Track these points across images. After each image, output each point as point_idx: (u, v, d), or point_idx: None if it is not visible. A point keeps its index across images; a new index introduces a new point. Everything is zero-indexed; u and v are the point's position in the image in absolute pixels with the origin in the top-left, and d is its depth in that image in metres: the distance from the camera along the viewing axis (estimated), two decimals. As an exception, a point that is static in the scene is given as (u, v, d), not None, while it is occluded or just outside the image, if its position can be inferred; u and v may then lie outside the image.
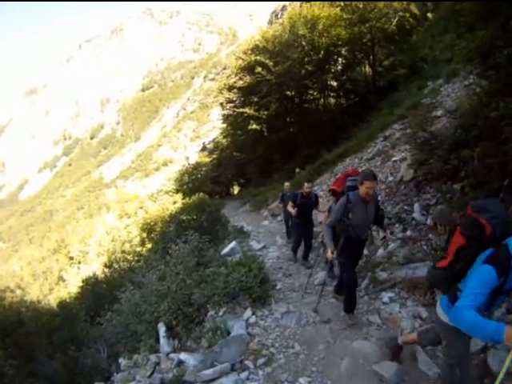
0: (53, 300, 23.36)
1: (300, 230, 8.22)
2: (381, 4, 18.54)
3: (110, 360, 7.21)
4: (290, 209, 7.89)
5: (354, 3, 19.05)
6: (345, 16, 19.06)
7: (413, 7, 19.78)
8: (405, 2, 19.28)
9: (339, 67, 21.53)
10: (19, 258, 69.09)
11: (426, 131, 7.55)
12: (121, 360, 6.41)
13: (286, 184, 10.72)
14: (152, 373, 5.30)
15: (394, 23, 19.33)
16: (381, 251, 6.76)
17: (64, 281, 39.53)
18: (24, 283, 49.11)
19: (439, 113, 9.80)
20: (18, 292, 35.65)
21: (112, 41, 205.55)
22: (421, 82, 15.67)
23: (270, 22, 47.59)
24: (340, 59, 21.34)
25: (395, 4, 19.00)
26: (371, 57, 20.62)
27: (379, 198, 8.84)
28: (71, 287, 29.82)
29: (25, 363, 7.78)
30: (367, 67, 22.09)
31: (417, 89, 15.31)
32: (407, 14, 19.67)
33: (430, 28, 18.53)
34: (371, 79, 21.30)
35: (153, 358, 5.66)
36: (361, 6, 18.77)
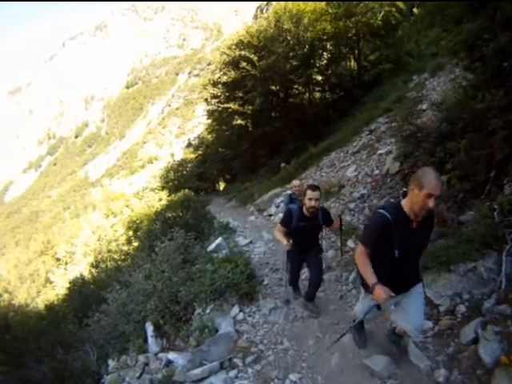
0: (41, 303, 23.02)
1: (296, 259, 5.31)
2: (367, -2, 18.54)
3: (99, 362, 7.10)
4: (281, 238, 4.91)
5: (339, -3, 19.00)
6: (330, 10, 18.99)
7: (399, 2, 19.80)
8: (390, -1, 19.31)
9: (324, 61, 21.46)
10: (6, 261, 68.26)
11: (412, 124, 7.53)
12: (110, 361, 6.33)
13: (295, 183, 7.00)
14: (141, 374, 5.27)
15: (379, 18, 19.32)
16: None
17: (51, 283, 39.09)
18: (11, 287, 48.49)
19: (425, 106, 9.82)
20: (6, 296, 35.16)
21: (96, 38, 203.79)
22: (406, 76, 15.74)
23: (256, 17, 47.38)
24: (325, 53, 21.28)
25: (381, -1, 19.01)
26: (356, 51, 20.60)
27: (365, 191, 8.87)
28: (59, 289, 29.47)
29: (14, 369, 7.66)
30: (352, 61, 22.11)
31: (402, 83, 15.38)
32: (393, 9, 19.64)
33: (416, 23, 18.55)
34: (356, 73, 21.30)
35: (141, 358, 5.61)
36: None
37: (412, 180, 2.97)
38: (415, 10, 19.21)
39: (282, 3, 20.37)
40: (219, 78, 21.44)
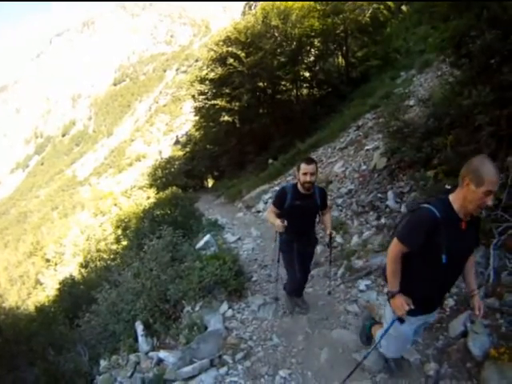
0: (31, 304, 22.91)
1: (291, 254, 4.63)
2: (355, -5, 18.59)
3: (91, 362, 7.06)
4: (273, 219, 4.33)
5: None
6: (318, 7, 19.00)
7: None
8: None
9: (312, 58, 21.51)
10: (-5, 263, 67.59)
11: (399, 120, 7.58)
12: (102, 361, 6.31)
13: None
14: (133, 373, 5.24)
15: (367, 15, 19.41)
16: (356, 239, 6.79)
17: (41, 284, 38.89)
18: (1, 289, 48.16)
19: (412, 102, 9.88)
20: (-4, 299, 34.85)
21: (83, 34, 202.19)
22: (394, 73, 15.80)
23: (244, 13, 47.30)
24: (313, 50, 21.32)
25: (369, -4, 19.08)
26: (344, 48, 20.64)
27: (353, 186, 8.91)
28: (49, 290, 29.30)
29: (6, 373, 7.59)
30: (340, 58, 22.16)
31: (389, 79, 15.42)
32: (381, 6, 19.75)
33: (404, 20, 18.70)
34: (344, 70, 21.36)
35: (132, 357, 5.59)
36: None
37: (466, 173, 2.46)
38: (403, 8, 19.36)
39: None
40: (206, 74, 21.38)
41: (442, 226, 2.52)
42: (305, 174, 4.15)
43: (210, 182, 33.62)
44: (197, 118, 28.71)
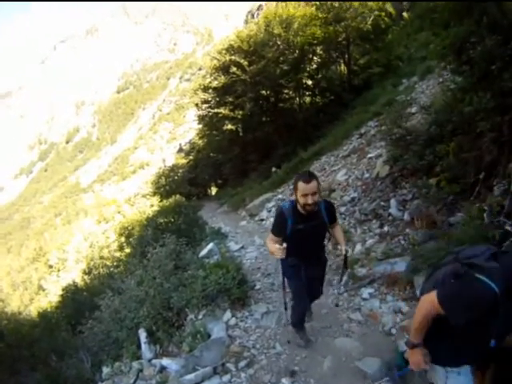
0: (34, 310, 22.90)
1: (299, 281, 3.97)
2: (356, 3, 18.63)
3: (93, 369, 7.03)
4: (271, 246, 3.62)
5: (329, 2, 19.12)
6: (320, 15, 19.11)
7: (388, 6, 19.96)
8: (380, 1, 19.46)
9: (314, 66, 21.57)
10: (-2, 268, 67.74)
11: (401, 127, 7.59)
12: (104, 368, 6.30)
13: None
14: (135, 380, 5.22)
15: (369, 22, 19.46)
16: (359, 247, 6.78)
17: (44, 290, 39.02)
18: (4, 294, 48.26)
19: (414, 109, 9.88)
20: (-2, 304, 34.89)
21: (87, 41, 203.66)
22: (396, 80, 15.85)
23: (246, 22, 47.57)
24: (315, 58, 21.38)
25: (371, 3, 19.11)
26: (346, 55, 20.74)
27: (356, 194, 8.91)
28: (52, 296, 29.37)
29: (8, 377, 7.60)
30: (342, 66, 22.22)
31: (392, 86, 15.47)
32: (383, 14, 19.83)
33: (406, 27, 18.77)
34: (346, 78, 21.43)
35: (135, 364, 5.57)
36: (336, 5, 18.86)
37: None
38: (405, 14, 19.43)
39: (272, 8, 20.44)
40: (210, 82, 21.48)
41: (499, 306, 1.85)
42: (305, 195, 3.37)
43: (214, 190, 33.68)
44: (200, 126, 28.84)
